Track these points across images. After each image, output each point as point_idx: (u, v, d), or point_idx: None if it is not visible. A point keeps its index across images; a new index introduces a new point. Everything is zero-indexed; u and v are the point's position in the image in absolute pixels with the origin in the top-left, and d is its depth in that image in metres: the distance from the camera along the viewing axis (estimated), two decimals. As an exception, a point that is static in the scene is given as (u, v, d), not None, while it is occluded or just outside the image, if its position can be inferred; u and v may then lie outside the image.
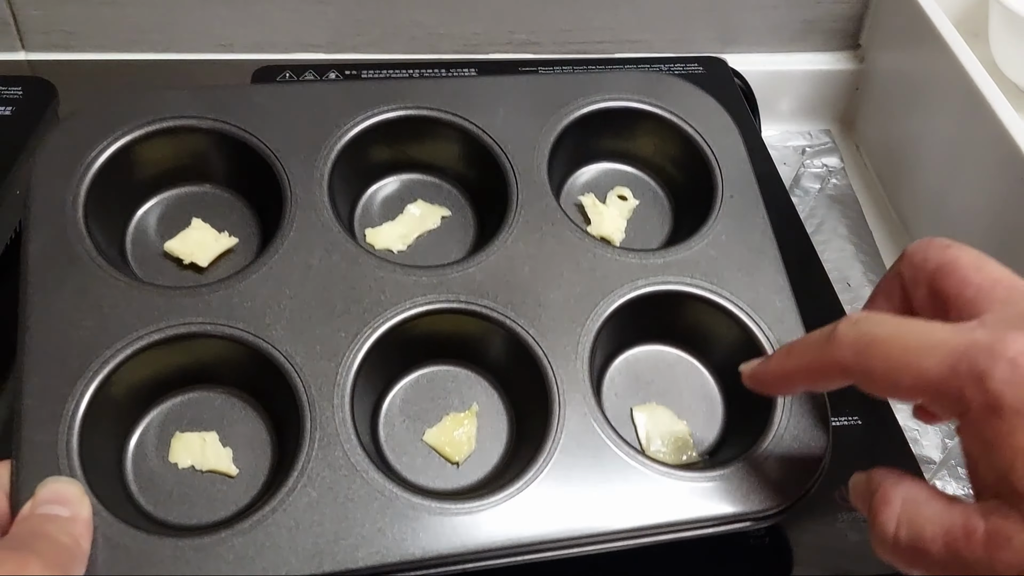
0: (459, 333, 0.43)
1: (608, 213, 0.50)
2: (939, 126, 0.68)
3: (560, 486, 0.39)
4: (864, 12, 0.79)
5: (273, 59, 0.75)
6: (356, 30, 0.78)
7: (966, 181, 0.64)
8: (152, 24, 0.77)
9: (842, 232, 0.70)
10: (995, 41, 0.74)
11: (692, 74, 0.74)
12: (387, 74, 0.72)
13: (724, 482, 0.40)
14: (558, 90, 0.49)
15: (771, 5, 0.79)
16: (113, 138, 0.43)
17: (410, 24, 0.78)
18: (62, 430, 0.37)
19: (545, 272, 0.44)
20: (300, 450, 0.38)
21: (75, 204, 0.41)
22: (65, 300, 0.39)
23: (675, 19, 0.79)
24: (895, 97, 0.74)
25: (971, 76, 0.62)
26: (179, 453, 0.40)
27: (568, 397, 0.41)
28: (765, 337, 0.44)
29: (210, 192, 0.46)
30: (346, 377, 0.40)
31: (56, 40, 0.77)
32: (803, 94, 0.81)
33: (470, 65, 0.73)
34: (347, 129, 0.46)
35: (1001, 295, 0.34)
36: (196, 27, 0.77)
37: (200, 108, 0.45)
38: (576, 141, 0.49)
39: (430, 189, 0.48)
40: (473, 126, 0.47)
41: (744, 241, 0.47)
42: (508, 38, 0.79)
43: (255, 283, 0.41)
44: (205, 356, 0.41)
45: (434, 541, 0.37)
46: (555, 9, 0.78)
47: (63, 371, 0.38)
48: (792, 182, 0.73)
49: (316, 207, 0.43)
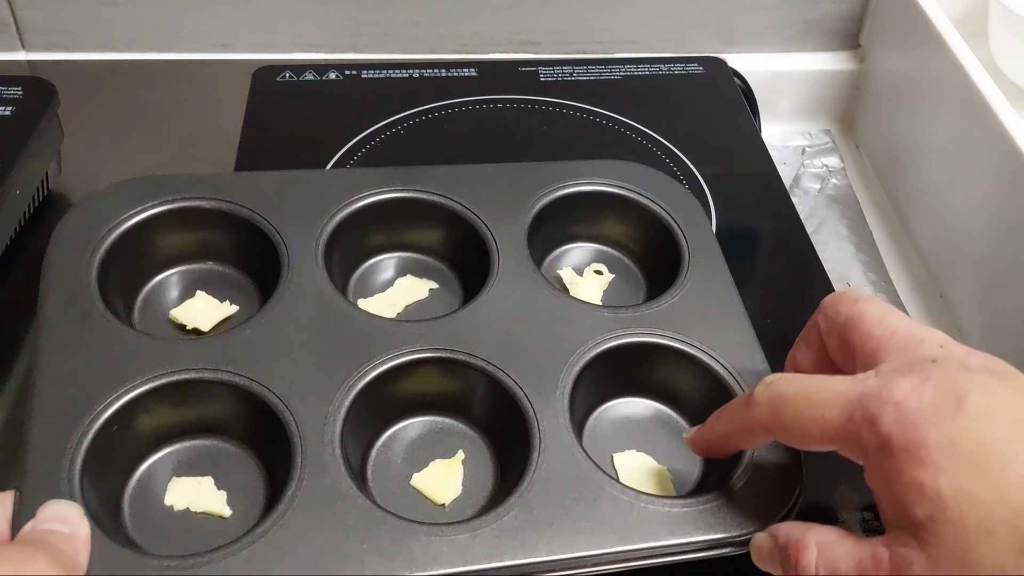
0: (444, 383, 0.45)
1: (585, 284, 0.53)
2: (939, 126, 0.68)
3: (543, 510, 0.40)
4: (864, 12, 0.79)
5: (273, 59, 0.75)
6: (356, 30, 0.78)
7: (966, 181, 0.64)
8: (152, 24, 0.77)
9: (842, 232, 0.70)
10: (995, 41, 0.74)
11: (692, 74, 0.74)
12: (387, 74, 0.72)
13: (702, 508, 0.41)
14: (539, 176, 0.53)
15: (771, 5, 0.79)
16: (125, 216, 0.47)
17: (410, 24, 0.78)
18: (64, 466, 0.38)
19: (525, 324, 0.46)
20: (290, 480, 0.39)
21: (88, 274, 0.45)
22: (74, 350, 0.42)
23: (675, 19, 0.79)
24: (895, 97, 0.74)
25: (971, 76, 0.62)
26: (175, 496, 0.41)
27: (548, 427, 0.42)
28: (736, 382, 0.46)
29: (214, 268, 0.49)
30: (336, 413, 0.42)
31: (56, 40, 0.77)
32: (803, 94, 0.81)
33: (470, 65, 0.74)
34: (343, 207, 0.49)
35: (898, 344, 0.37)
36: (196, 27, 0.77)
37: (205, 190, 0.48)
38: (554, 222, 0.53)
39: (419, 265, 0.52)
40: (458, 204, 0.50)
41: (711, 297, 0.50)
42: (508, 38, 0.79)
43: (250, 335, 0.44)
44: (202, 402, 0.42)
45: (420, 563, 0.38)
46: (555, 9, 0.78)
47: (68, 413, 0.40)
48: (792, 182, 0.74)
49: (312, 275, 0.46)
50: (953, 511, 0.32)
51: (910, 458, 0.33)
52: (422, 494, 0.43)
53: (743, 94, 0.73)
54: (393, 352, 0.44)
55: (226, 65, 0.78)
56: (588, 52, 0.80)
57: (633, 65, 0.74)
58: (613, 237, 0.55)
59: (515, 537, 0.39)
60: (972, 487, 0.32)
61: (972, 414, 0.33)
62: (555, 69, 0.73)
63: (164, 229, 0.47)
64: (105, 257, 0.45)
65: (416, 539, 0.38)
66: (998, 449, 0.32)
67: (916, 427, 0.33)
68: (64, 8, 0.76)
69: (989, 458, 0.32)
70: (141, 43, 0.78)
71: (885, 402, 0.34)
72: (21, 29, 0.77)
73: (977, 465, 0.32)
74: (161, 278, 0.48)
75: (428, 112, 0.69)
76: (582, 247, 0.55)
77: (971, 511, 0.32)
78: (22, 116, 0.59)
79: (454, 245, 0.52)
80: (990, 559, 0.32)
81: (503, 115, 0.69)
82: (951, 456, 0.32)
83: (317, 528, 0.38)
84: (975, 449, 0.32)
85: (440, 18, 0.78)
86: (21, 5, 0.75)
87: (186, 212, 0.48)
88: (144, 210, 0.47)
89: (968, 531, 0.32)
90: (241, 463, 0.43)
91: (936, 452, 0.33)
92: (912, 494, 0.33)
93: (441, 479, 0.43)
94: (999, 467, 0.32)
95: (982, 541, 0.32)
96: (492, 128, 0.68)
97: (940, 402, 0.33)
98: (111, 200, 0.47)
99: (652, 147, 0.67)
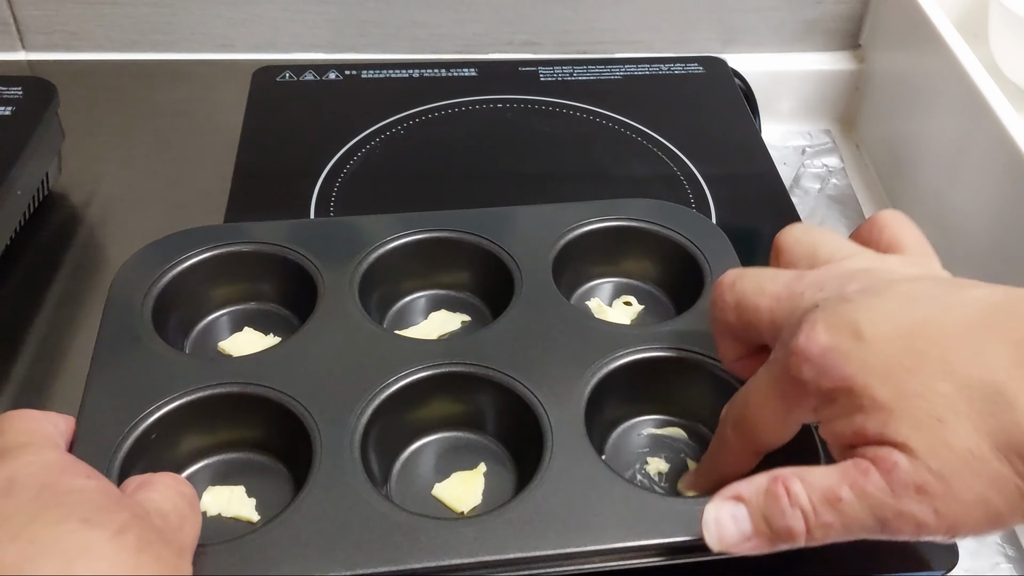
0: (464, 397, 0.46)
1: (613, 314, 0.53)
2: (939, 126, 0.68)
3: (552, 506, 0.40)
4: (864, 12, 0.79)
5: (273, 59, 0.75)
6: (357, 30, 0.78)
7: (966, 181, 0.64)
8: (152, 24, 0.77)
9: (842, 232, 0.70)
10: (995, 41, 0.74)
11: (692, 74, 0.74)
12: (387, 74, 0.72)
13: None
14: (568, 212, 0.54)
15: (771, 5, 0.79)
16: (179, 260, 0.50)
17: (410, 24, 0.78)
18: (103, 466, 0.40)
19: (545, 340, 0.47)
20: (309, 477, 0.41)
21: (144, 306, 0.48)
22: (123, 367, 0.45)
23: (675, 19, 0.79)
24: (895, 97, 0.74)
25: (971, 76, 0.62)
26: (208, 503, 0.43)
27: (559, 431, 0.43)
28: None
29: (260, 307, 0.52)
30: (359, 420, 0.43)
31: (56, 40, 0.77)
32: (803, 94, 0.81)
33: (470, 65, 0.74)
34: (378, 246, 0.52)
35: (785, 307, 0.38)
36: (196, 27, 0.77)
37: (247, 236, 0.52)
38: (582, 257, 0.54)
39: (452, 301, 0.53)
40: (486, 240, 0.52)
41: None
42: (508, 38, 0.80)
43: (281, 353, 0.47)
44: (234, 415, 0.45)
45: (427, 554, 0.38)
46: (555, 9, 0.78)
47: (112, 421, 0.42)
48: (792, 182, 0.73)
49: (343, 300, 0.49)
50: (902, 410, 0.33)
51: (842, 395, 0.34)
52: (442, 503, 0.44)
53: (743, 94, 0.73)
54: (416, 366, 0.45)
55: (226, 65, 0.78)
56: (588, 52, 0.80)
57: (633, 65, 0.74)
58: (642, 272, 0.55)
59: (522, 530, 0.39)
60: (905, 388, 0.33)
61: (870, 336, 0.34)
62: (555, 69, 0.74)
63: (214, 272, 0.51)
64: (161, 293, 0.49)
65: (424, 531, 0.39)
66: (907, 353, 0.33)
67: (833, 368, 0.34)
68: (64, 8, 0.76)
69: (903, 363, 0.33)
70: (142, 43, 0.78)
71: (802, 361, 0.35)
72: (21, 29, 0.77)
73: (898, 374, 0.33)
74: (211, 318, 0.52)
75: (428, 112, 0.69)
76: (611, 281, 0.55)
77: (917, 406, 0.33)
78: (22, 116, 0.59)
79: (484, 281, 0.53)
80: (958, 444, 0.32)
81: (503, 115, 0.69)
82: (873, 375, 0.34)
83: (326, 519, 0.39)
84: (889, 362, 0.34)
85: (440, 18, 0.78)
86: (21, 5, 0.75)
87: (233, 257, 0.51)
88: (197, 254, 0.51)
89: (924, 423, 0.33)
90: (272, 473, 0.45)
91: (860, 378, 0.34)
92: (859, 418, 0.34)
93: (461, 489, 0.44)
94: (917, 366, 0.33)
95: (942, 429, 0.33)
96: (492, 128, 0.68)
97: (837, 340, 0.34)
98: (169, 245, 0.51)
99: (652, 147, 0.67)
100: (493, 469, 0.45)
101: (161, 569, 0.32)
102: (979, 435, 0.32)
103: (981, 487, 0.32)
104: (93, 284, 0.59)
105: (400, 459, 0.46)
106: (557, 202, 0.55)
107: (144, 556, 0.32)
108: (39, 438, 0.37)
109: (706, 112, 0.71)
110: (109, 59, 0.78)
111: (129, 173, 0.67)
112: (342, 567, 0.37)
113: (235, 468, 0.45)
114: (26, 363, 0.54)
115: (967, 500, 0.32)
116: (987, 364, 0.32)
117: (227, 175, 0.62)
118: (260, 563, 0.37)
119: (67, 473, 0.34)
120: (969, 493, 0.32)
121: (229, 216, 0.59)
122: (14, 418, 0.38)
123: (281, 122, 0.68)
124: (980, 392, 0.32)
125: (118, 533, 0.32)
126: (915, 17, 0.69)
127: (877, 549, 0.41)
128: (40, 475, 0.33)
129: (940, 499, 0.33)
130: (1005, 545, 0.51)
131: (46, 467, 0.34)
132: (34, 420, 0.38)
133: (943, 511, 0.33)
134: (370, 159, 0.65)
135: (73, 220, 0.63)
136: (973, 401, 0.32)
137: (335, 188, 0.62)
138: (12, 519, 0.31)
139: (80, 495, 0.33)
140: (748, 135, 0.69)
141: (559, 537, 0.39)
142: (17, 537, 0.31)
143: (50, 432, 0.39)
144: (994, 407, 0.32)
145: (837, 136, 0.80)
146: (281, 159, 0.65)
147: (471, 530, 0.39)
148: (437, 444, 0.46)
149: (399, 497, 0.44)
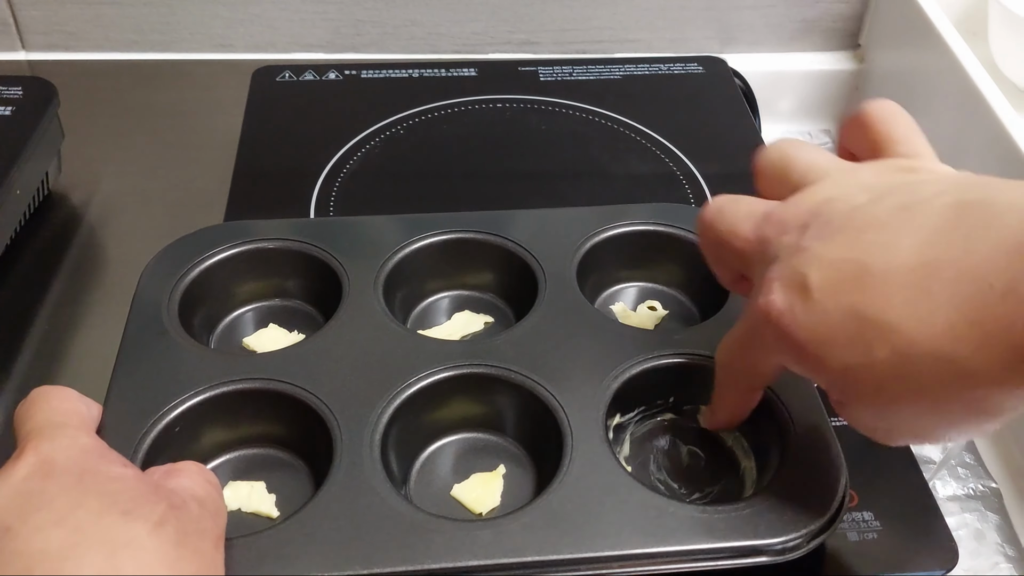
0: (485, 398, 0.46)
1: (637, 318, 0.52)
2: (939, 126, 0.68)
3: (569, 511, 0.40)
4: (864, 12, 0.79)
5: (273, 59, 0.75)
6: (356, 30, 0.78)
7: (966, 181, 0.64)
8: (152, 24, 0.77)
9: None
10: (995, 41, 0.74)
11: (692, 74, 0.74)
12: (387, 74, 0.72)
13: (736, 513, 0.40)
14: (593, 216, 0.54)
15: (770, 5, 0.79)
16: (207, 255, 0.50)
17: (410, 24, 0.78)
18: (128, 456, 0.40)
19: (567, 343, 0.47)
20: (329, 474, 0.41)
21: (171, 301, 0.48)
22: (148, 360, 0.45)
23: (675, 19, 0.79)
24: (895, 97, 0.74)
25: (971, 76, 0.62)
26: (229, 499, 0.43)
27: (580, 435, 0.43)
28: (779, 401, 0.45)
29: (286, 304, 0.53)
30: (380, 418, 0.43)
31: (56, 40, 0.77)
32: (803, 94, 0.81)
33: (470, 65, 0.74)
34: (404, 246, 0.52)
35: (756, 257, 0.39)
36: (196, 27, 0.77)
37: (274, 232, 0.52)
38: (606, 261, 0.54)
39: (475, 302, 0.53)
40: (511, 242, 0.52)
41: None
42: (508, 38, 0.80)
43: (304, 350, 0.47)
44: (257, 410, 0.45)
45: (442, 555, 0.38)
46: (555, 9, 0.78)
47: (137, 413, 0.43)
48: (792, 182, 0.74)
49: (367, 300, 0.49)
50: (850, 381, 0.34)
51: (801, 359, 0.35)
52: (461, 503, 0.44)
53: (743, 94, 0.73)
54: (438, 366, 0.45)
55: (226, 65, 0.78)
56: (588, 52, 0.80)
57: (633, 65, 0.74)
58: (667, 277, 0.55)
59: (539, 534, 0.39)
60: (848, 360, 0.34)
61: (817, 294, 0.34)
62: (555, 69, 0.74)
63: (241, 267, 0.51)
64: (188, 288, 0.49)
65: (440, 532, 0.39)
66: (849, 317, 0.34)
67: (787, 336, 0.35)
68: (64, 8, 0.76)
69: (847, 329, 0.34)
70: (141, 43, 0.78)
71: (764, 324, 0.36)
72: (21, 29, 0.77)
73: (841, 344, 0.34)
74: (237, 314, 0.52)
75: (428, 112, 0.69)
76: (636, 286, 0.55)
77: (861, 378, 0.34)
78: (22, 116, 0.59)
79: (508, 283, 0.53)
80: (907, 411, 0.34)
81: (503, 115, 0.69)
82: (820, 344, 0.34)
83: (344, 517, 0.39)
84: (832, 331, 0.34)
85: (440, 18, 0.78)
86: (21, 5, 0.75)
87: (259, 253, 0.52)
88: (224, 250, 0.51)
89: (868, 394, 0.34)
90: (292, 470, 0.45)
91: (810, 348, 0.35)
92: (820, 381, 0.36)
93: (481, 490, 0.44)
94: (859, 332, 0.33)
95: (887, 395, 0.34)
96: (492, 128, 0.68)
97: (790, 300, 0.35)
98: (197, 240, 0.51)
99: (652, 147, 0.67)
100: (512, 471, 0.45)
101: (199, 562, 0.33)
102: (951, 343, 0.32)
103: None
104: (93, 284, 0.59)
105: (420, 459, 0.46)
106: (557, 202, 0.56)
107: (183, 550, 0.32)
108: (75, 419, 0.37)
109: (706, 112, 0.71)
110: (108, 59, 0.78)
111: (129, 173, 0.67)
112: (359, 565, 0.37)
113: (256, 464, 0.45)
114: (26, 363, 0.54)
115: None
116: (924, 321, 0.32)
117: (227, 175, 0.62)
118: (277, 559, 0.38)
119: (104, 460, 0.34)
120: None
121: (229, 216, 0.59)
122: (51, 395, 0.37)
123: (281, 122, 0.68)
124: (919, 352, 0.32)
125: (158, 526, 0.32)
126: (915, 17, 0.69)
127: (877, 551, 0.41)
128: (80, 460, 0.33)
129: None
130: (1005, 545, 0.51)
131: (84, 452, 0.34)
132: (70, 400, 0.38)
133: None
134: (370, 159, 0.65)
135: (73, 220, 0.63)
136: (915, 363, 0.32)
137: (335, 188, 0.62)
138: (54, 503, 0.31)
139: (120, 483, 0.33)
140: (748, 135, 0.69)
141: (576, 541, 0.39)
142: (62, 523, 0.31)
143: (84, 415, 0.38)
144: (936, 367, 0.32)
145: (837, 136, 0.80)
146: (281, 159, 0.65)
147: (487, 532, 0.39)
148: (457, 445, 0.46)
149: (418, 497, 0.44)
